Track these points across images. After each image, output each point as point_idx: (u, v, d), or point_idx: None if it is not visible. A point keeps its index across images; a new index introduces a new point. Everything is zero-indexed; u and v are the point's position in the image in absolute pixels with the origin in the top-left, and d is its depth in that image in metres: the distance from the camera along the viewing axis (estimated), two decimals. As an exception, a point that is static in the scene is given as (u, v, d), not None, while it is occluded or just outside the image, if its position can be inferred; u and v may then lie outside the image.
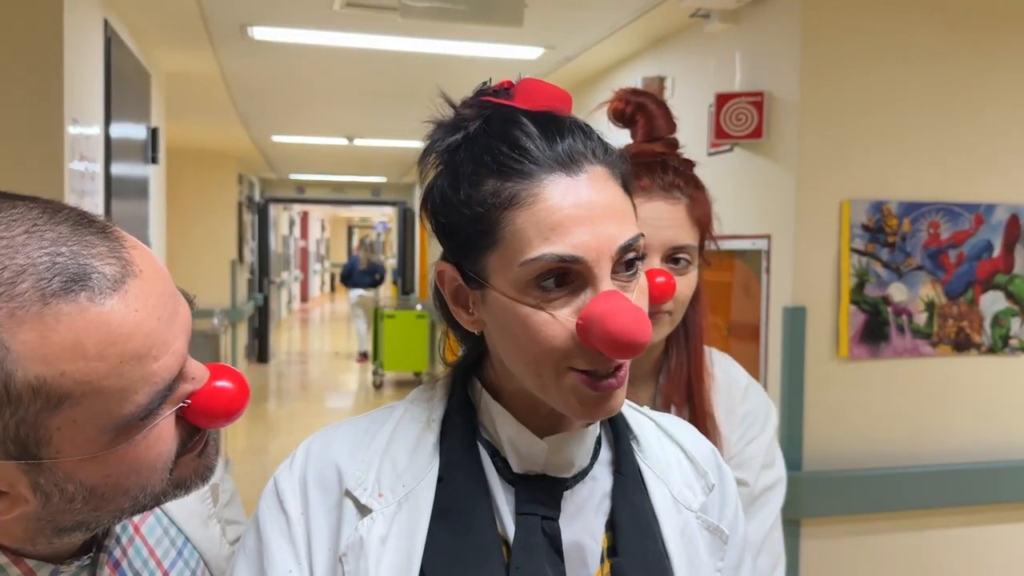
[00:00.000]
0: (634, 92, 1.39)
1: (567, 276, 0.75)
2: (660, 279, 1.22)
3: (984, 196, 2.54)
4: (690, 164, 1.35)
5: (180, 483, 0.73)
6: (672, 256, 1.28)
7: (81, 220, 0.66)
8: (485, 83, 0.85)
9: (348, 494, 0.83)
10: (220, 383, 0.71)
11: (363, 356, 11.73)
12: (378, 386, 9.48)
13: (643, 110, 1.37)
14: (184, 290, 0.72)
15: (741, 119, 2.60)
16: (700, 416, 1.34)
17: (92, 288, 0.62)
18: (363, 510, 0.82)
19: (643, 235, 0.79)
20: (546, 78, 0.91)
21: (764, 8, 2.65)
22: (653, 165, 1.29)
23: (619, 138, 1.28)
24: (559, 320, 0.75)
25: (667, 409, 1.36)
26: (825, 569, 2.46)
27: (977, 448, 2.57)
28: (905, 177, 2.49)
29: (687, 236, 1.28)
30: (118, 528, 0.81)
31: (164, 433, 0.68)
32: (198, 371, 0.71)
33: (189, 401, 0.70)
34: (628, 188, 0.81)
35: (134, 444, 0.66)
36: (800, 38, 2.42)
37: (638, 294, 0.78)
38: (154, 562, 0.86)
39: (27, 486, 0.64)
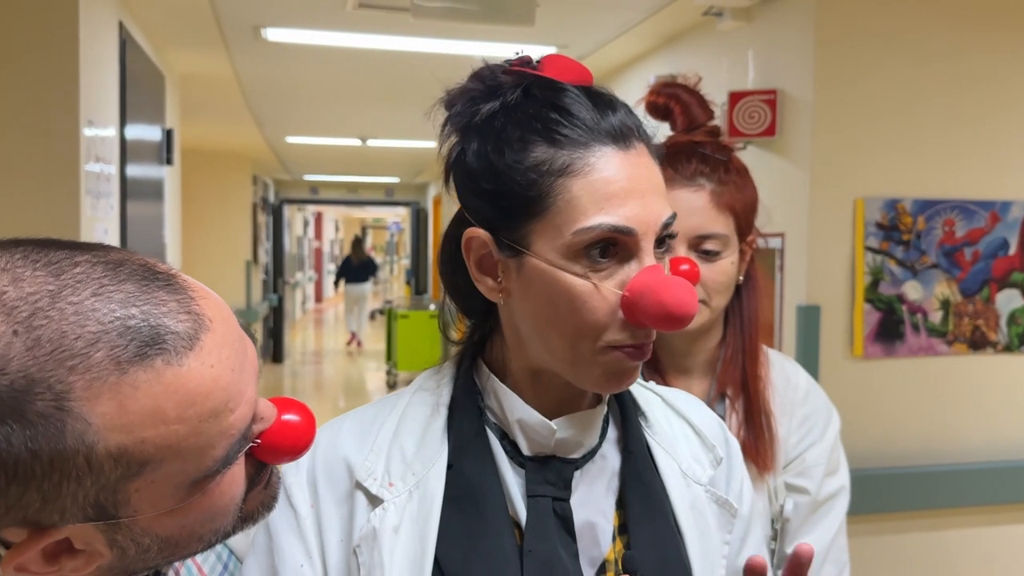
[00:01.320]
0: (666, 84, 1.40)
1: (613, 247, 0.76)
2: (684, 267, 1.21)
3: (1000, 193, 2.52)
4: (726, 150, 1.33)
5: (248, 517, 0.72)
6: (699, 245, 1.27)
7: (146, 274, 0.62)
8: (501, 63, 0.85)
9: (359, 485, 0.83)
10: (288, 417, 0.70)
11: (354, 336, 13.18)
12: (392, 385, 9.51)
13: (677, 100, 1.37)
14: (248, 330, 0.70)
15: (754, 117, 2.59)
16: (755, 408, 1.32)
17: (167, 350, 0.59)
18: (374, 500, 0.82)
19: (676, 215, 0.80)
20: None
21: (777, 6, 2.64)
22: (676, 155, 1.29)
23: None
24: (603, 292, 0.75)
25: (722, 401, 1.35)
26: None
27: (994, 447, 2.55)
28: (919, 175, 2.47)
29: (714, 223, 1.26)
30: None
31: (236, 476, 0.67)
32: (267, 410, 0.70)
33: (259, 440, 0.68)
34: (661, 164, 0.82)
35: (208, 492, 0.65)
36: (813, 35, 2.41)
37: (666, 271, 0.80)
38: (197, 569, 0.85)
39: (104, 543, 0.63)
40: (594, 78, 0.84)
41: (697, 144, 1.31)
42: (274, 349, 11.10)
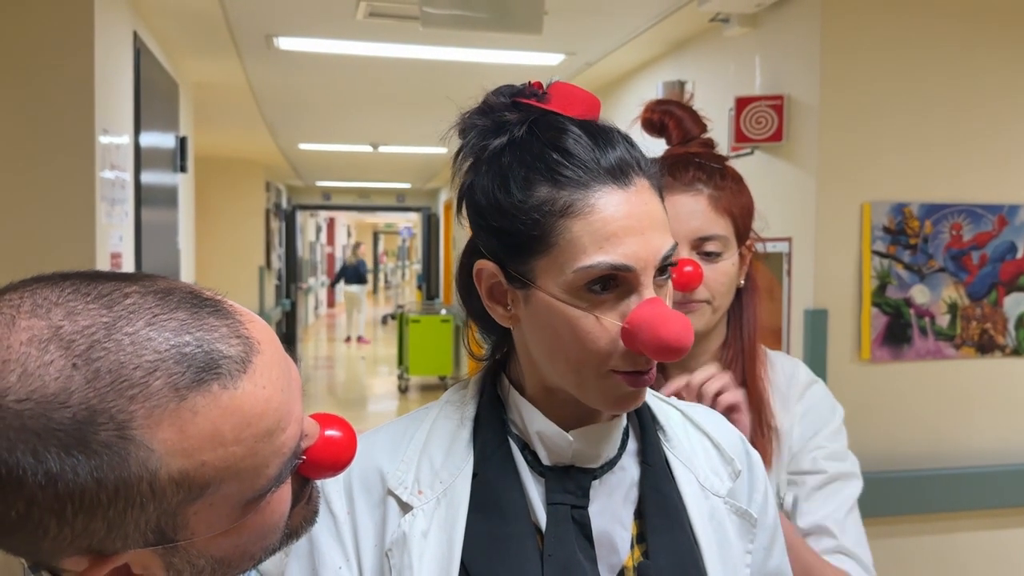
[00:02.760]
0: (659, 102, 1.45)
1: (614, 281, 0.79)
2: (687, 268, 1.26)
3: (1007, 197, 2.53)
4: (719, 159, 1.39)
5: (293, 532, 0.73)
6: (701, 247, 1.31)
7: (195, 301, 0.63)
8: (512, 86, 0.87)
9: (391, 493, 0.88)
10: (330, 432, 0.72)
11: (356, 339, 14.34)
12: (404, 390, 9.53)
13: (671, 115, 1.42)
14: (291, 351, 0.72)
15: (761, 122, 2.61)
16: (755, 408, 1.34)
17: (223, 375, 0.61)
18: (405, 507, 0.87)
19: (677, 244, 0.84)
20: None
21: (783, 12, 2.66)
22: (675, 165, 1.34)
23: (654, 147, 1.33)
24: (604, 324, 0.80)
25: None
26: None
27: (1001, 450, 2.55)
28: (926, 179, 2.48)
29: (713, 225, 1.31)
30: None
31: (284, 494, 0.69)
32: (311, 427, 0.71)
33: (304, 457, 0.70)
34: (662, 196, 0.85)
35: (261, 511, 0.66)
36: (819, 41, 2.43)
37: (668, 295, 0.84)
38: None
39: (161, 567, 0.65)
40: (602, 85, 0.86)
41: (693, 155, 1.36)
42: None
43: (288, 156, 8.11)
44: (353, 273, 14.35)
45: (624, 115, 1.45)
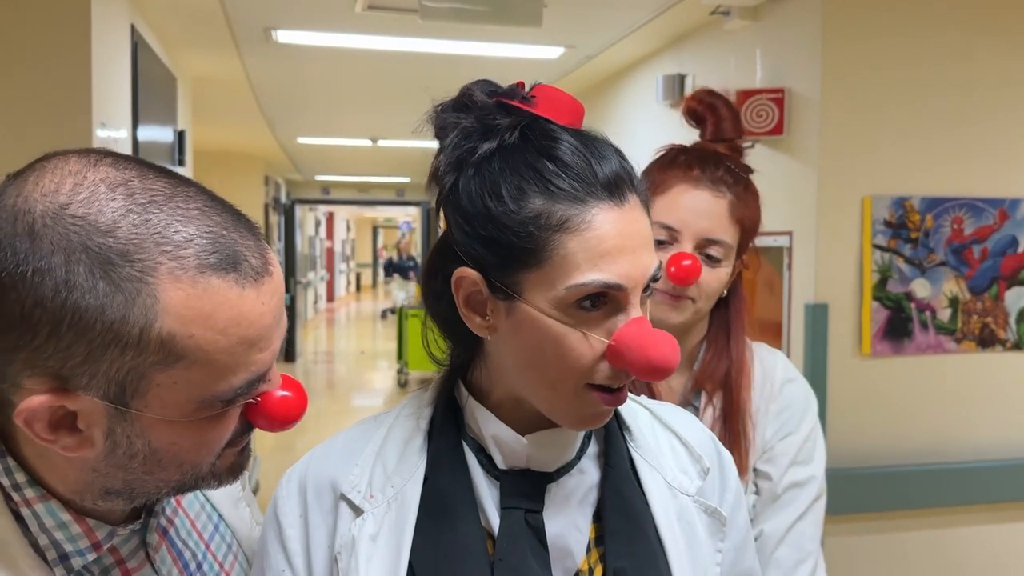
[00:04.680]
0: (709, 92, 1.45)
1: (603, 298, 0.78)
2: (686, 262, 1.27)
3: (1008, 191, 2.52)
4: (746, 168, 1.40)
5: (216, 474, 0.78)
6: (704, 248, 1.32)
7: (239, 215, 0.73)
8: (492, 83, 0.85)
9: (343, 497, 0.87)
10: (284, 392, 0.77)
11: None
12: (403, 384, 9.54)
13: (713, 110, 1.42)
14: (289, 351, 0.79)
15: (762, 116, 2.60)
16: (735, 410, 1.36)
17: (240, 272, 0.69)
18: (356, 511, 0.87)
19: (661, 263, 0.84)
20: (566, 77, 0.92)
21: (784, 4, 2.65)
22: (706, 159, 1.35)
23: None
24: (591, 341, 0.79)
25: (698, 396, 1.39)
26: (848, 566, 2.45)
27: (1002, 445, 2.55)
28: (928, 172, 2.47)
29: (724, 232, 1.32)
30: (163, 502, 0.85)
31: (230, 421, 0.74)
32: (275, 377, 0.77)
33: (259, 399, 0.75)
34: (649, 212, 0.84)
35: (206, 421, 0.71)
36: (821, 33, 2.42)
37: (647, 311, 0.83)
38: (196, 534, 0.91)
39: (102, 431, 0.69)
40: (602, 78, 0.85)
41: (724, 156, 1.37)
42: (286, 348, 11.15)
43: (287, 150, 8.10)
44: (397, 267, 16.73)
45: (624, 108, 1.45)
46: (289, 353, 11.17)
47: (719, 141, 1.41)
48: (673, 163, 1.36)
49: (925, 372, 2.49)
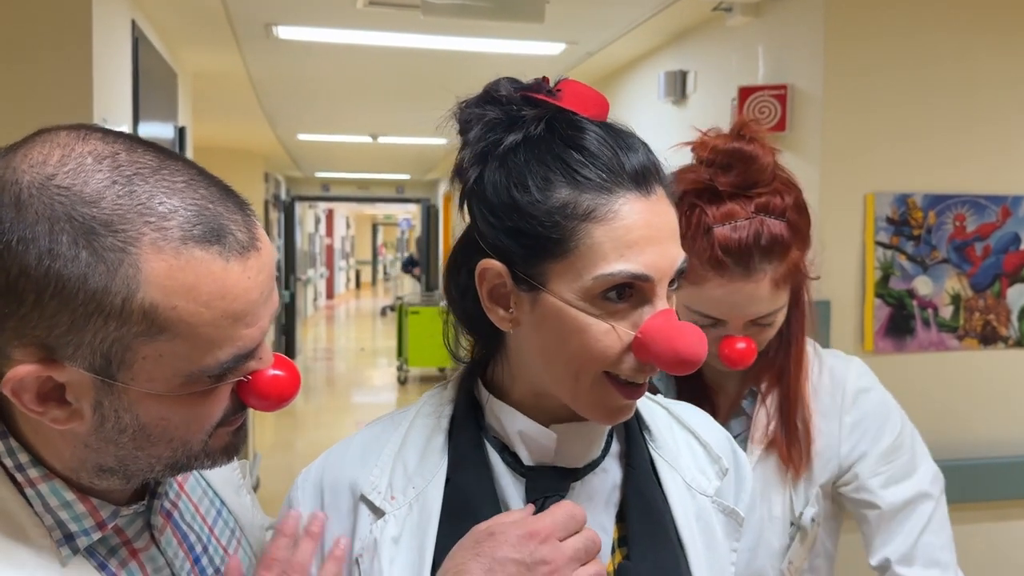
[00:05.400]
0: (738, 137, 1.26)
1: (629, 290, 0.77)
2: (740, 345, 1.21)
3: (1011, 188, 2.51)
4: (783, 207, 1.24)
5: (209, 453, 0.77)
6: (756, 321, 1.24)
7: (228, 190, 0.73)
8: (515, 80, 0.84)
9: (363, 499, 0.86)
10: (276, 371, 0.76)
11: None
12: (403, 381, 9.53)
13: (743, 160, 1.24)
14: (288, 349, 0.78)
15: (764, 112, 2.59)
16: (792, 405, 1.30)
17: (225, 245, 0.69)
18: (377, 512, 0.86)
19: (688, 256, 0.82)
20: (568, 74, 0.89)
21: (786, 1, 2.64)
22: (739, 253, 1.19)
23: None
24: (618, 332, 0.77)
25: (752, 398, 1.34)
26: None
27: (1004, 442, 2.54)
28: (930, 169, 2.47)
29: (773, 304, 1.22)
30: (166, 484, 0.85)
31: (220, 398, 0.74)
32: (267, 355, 0.77)
33: (250, 377, 0.75)
34: (674, 203, 0.83)
35: (195, 397, 0.71)
36: (823, 30, 2.41)
37: (674, 305, 0.82)
38: (200, 518, 0.90)
39: (90, 403, 0.70)
40: (604, 75, 0.84)
41: (755, 236, 1.20)
42: (286, 345, 11.15)
43: (287, 147, 8.09)
44: (418, 263, 17.50)
45: (626, 105, 1.42)
46: (289, 350, 11.17)
47: (746, 189, 1.22)
48: (694, 241, 1.19)
49: (927, 369, 2.49)
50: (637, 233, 0.76)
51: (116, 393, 0.69)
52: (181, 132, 3.86)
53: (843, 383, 1.35)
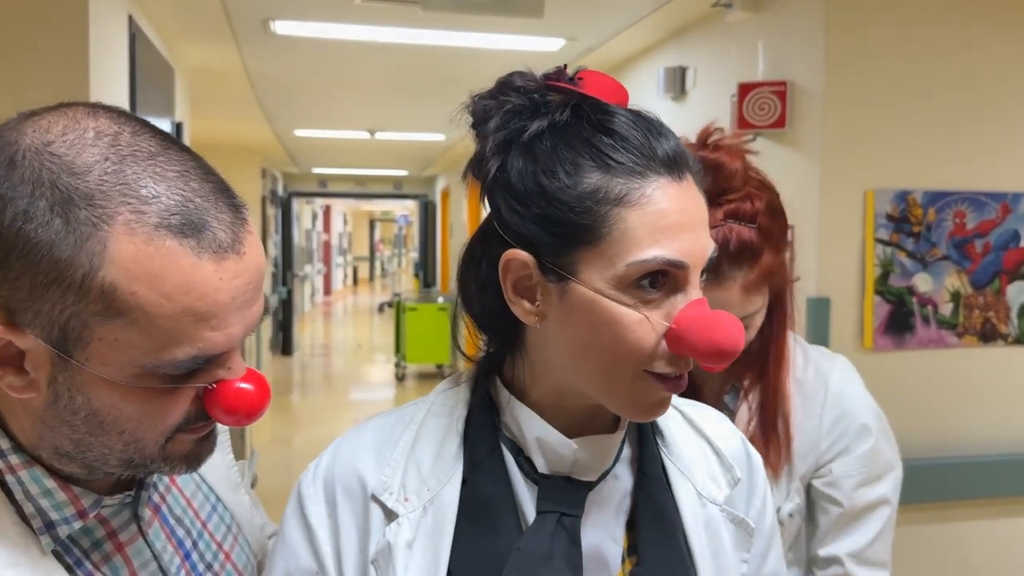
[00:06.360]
0: (704, 146, 1.27)
1: (663, 278, 0.75)
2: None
3: (1011, 185, 2.51)
4: (754, 212, 1.23)
5: (168, 458, 0.75)
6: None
7: (225, 189, 0.72)
8: (531, 71, 0.82)
9: (374, 499, 0.83)
10: (244, 385, 0.74)
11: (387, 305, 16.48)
12: (401, 378, 9.53)
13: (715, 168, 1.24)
14: (267, 296, 0.77)
15: (764, 109, 2.58)
16: (772, 405, 1.30)
17: (200, 241, 0.67)
18: (390, 515, 0.82)
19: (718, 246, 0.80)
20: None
21: (787, -3, 2.63)
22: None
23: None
24: (651, 322, 0.74)
25: (734, 393, 1.34)
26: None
27: (1004, 439, 2.54)
28: (930, 166, 2.46)
29: (743, 309, 1.21)
30: (154, 476, 0.84)
31: (179, 400, 0.72)
32: (237, 366, 0.74)
33: (215, 386, 0.73)
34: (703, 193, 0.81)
35: (149, 392, 0.70)
36: (824, 26, 2.40)
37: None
38: (192, 512, 0.89)
39: (46, 377, 0.69)
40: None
41: (723, 243, 1.20)
42: (283, 342, 11.13)
43: (284, 142, 8.07)
44: None
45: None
46: (286, 347, 11.16)
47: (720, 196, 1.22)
48: None
49: (926, 366, 2.49)
50: (671, 218, 0.74)
51: (71, 371, 0.68)
52: (178, 128, 3.85)
53: (826, 380, 1.36)
